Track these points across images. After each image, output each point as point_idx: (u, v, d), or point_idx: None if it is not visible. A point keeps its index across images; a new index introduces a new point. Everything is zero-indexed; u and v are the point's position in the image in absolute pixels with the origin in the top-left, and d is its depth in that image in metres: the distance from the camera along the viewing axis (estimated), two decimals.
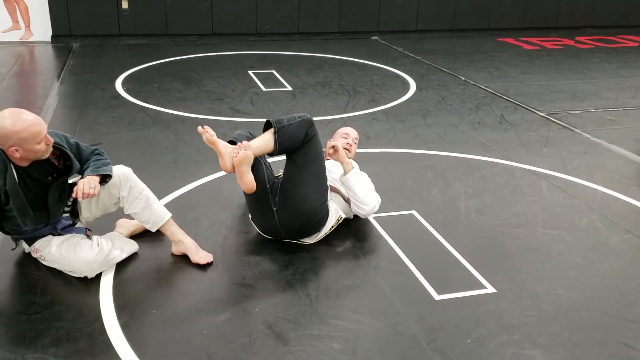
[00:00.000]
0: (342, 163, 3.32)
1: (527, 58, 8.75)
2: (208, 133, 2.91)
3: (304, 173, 3.11)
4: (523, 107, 6.16)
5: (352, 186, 3.33)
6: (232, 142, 3.09)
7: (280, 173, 3.33)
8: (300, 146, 3.08)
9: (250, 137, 3.22)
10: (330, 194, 3.31)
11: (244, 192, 3.15)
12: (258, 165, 3.12)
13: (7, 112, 2.60)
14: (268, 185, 3.13)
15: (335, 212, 3.29)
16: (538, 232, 3.53)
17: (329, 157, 3.37)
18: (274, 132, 3.02)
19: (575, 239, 3.45)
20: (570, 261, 3.22)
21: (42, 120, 2.66)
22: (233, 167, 2.90)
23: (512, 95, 6.56)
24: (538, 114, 5.91)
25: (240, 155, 2.85)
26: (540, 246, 3.37)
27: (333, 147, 3.31)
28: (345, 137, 3.72)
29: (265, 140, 3.03)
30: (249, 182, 2.89)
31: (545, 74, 7.72)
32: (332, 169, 3.44)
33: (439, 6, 10.51)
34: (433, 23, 10.55)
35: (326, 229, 3.26)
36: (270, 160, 3.42)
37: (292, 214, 3.13)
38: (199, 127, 2.94)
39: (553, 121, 5.70)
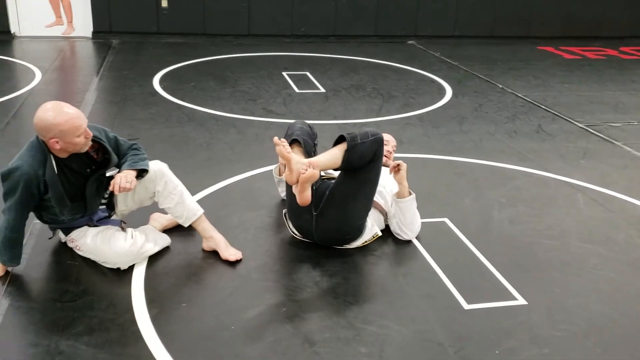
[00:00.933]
0: (400, 183, 3.30)
1: (567, 67, 8.60)
2: (284, 148, 2.83)
3: (358, 190, 3.07)
4: (562, 117, 6.06)
5: (405, 210, 3.31)
6: (294, 140, 3.07)
7: (325, 173, 3.32)
8: (365, 165, 3.00)
9: (310, 132, 3.17)
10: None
11: (286, 187, 3.16)
12: None
13: (50, 104, 2.67)
14: (314, 188, 3.08)
15: (372, 229, 3.25)
16: (572, 245, 3.46)
17: (391, 172, 3.33)
18: (345, 150, 2.92)
19: (610, 254, 3.38)
20: (604, 276, 3.15)
21: (83, 114, 2.72)
22: (297, 181, 2.86)
23: (550, 105, 6.46)
24: (577, 125, 5.81)
25: (307, 173, 2.81)
26: (573, 259, 3.31)
27: (399, 165, 3.28)
28: (385, 144, 3.69)
29: (334, 157, 2.95)
30: (307, 197, 2.87)
31: (585, 85, 7.57)
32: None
33: (478, 12, 10.41)
34: (471, 29, 10.46)
35: (358, 243, 3.24)
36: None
37: (331, 224, 3.12)
38: (275, 138, 2.86)
39: (592, 133, 5.59)
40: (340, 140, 3.01)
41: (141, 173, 2.94)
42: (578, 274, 3.15)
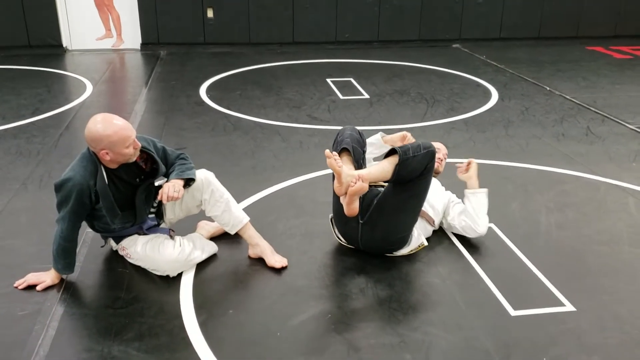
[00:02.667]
0: (469, 180, 3.46)
1: (618, 68, 8.36)
2: (335, 162, 2.82)
3: (406, 202, 3.07)
4: (611, 119, 5.89)
5: (479, 202, 3.39)
6: (344, 149, 3.06)
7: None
8: (415, 178, 2.99)
9: (359, 139, 3.19)
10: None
11: (334, 193, 3.19)
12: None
13: (100, 117, 2.77)
14: (361, 197, 3.06)
15: (418, 239, 3.23)
16: (623, 251, 3.37)
17: (459, 173, 3.52)
18: (397, 164, 2.90)
19: None
20: None
21: (131, 126, 2.81)
22: (346, 192, 2.87)
23: (600, 107, 6.29)
24: (627, 127, 5.64)
25: (357, 186, 2.81)
26: (625, 266, 3.22)
27: (469, 163, 3.45)
28: (437, 151, 3.68)
29: (384, 171, 2.94)
30: (354, 209, 2.89)
31: (637, 85, 7.35)
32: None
33: (525, 13, 10.22)
34: (518, 31, 10.28)
35: (404, 252, 3.23)
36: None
37: (377, 234, 3.13)
38: (327, 151, 2.84)
39: None
40: (391, 152, 3.00)
41: (188, 182, 3.02)
42: (629, 281, 3.07)
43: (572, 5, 10.36)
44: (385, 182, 3.04)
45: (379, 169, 2.95)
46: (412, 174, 2.95)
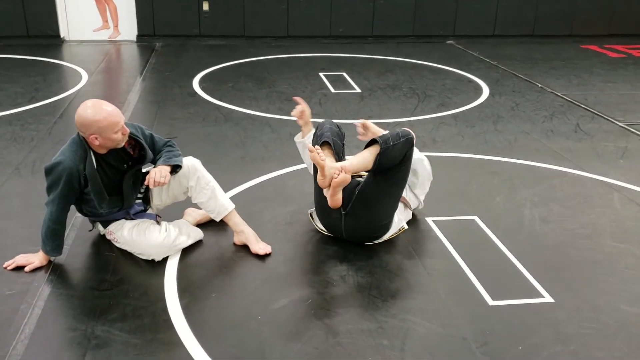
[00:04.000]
0: (375, 134, 3.39)
1: (611, 66, 8.41)
2: (319, 156, 2.88)
3: (388, 190, 3.13)
4: (601, 116, 5.95)
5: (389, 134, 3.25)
6: (324, 142, 3.09)
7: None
8: (395, 166, 3.06)
9: (338, 132, 3.24)
10: None
11: (315, 187, 3.24)
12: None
13: (90, 102, 2.82)
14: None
15: (399, 223, 3.30)
16: (605, 245, 3.42)
17: (360, 136, 3.51)
18: (378, 154, 2.97)
19: None
20: (637, 276, 3.11)
21: (120, 112, 2.86)
22: (330, 185, 2.92)
23: (590, 104, 6.34)
24: (617, 124, 5.69)
25: (340, 178, 2.87)
26: (605, 259, 3.27)
27: (363, 124, 3.47)
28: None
29: (365, 161, 3.00)
30: (338, 200, 2.95)
31: (629, 84, 7.40)
32: None
33: (519, 11, 10.26)
34: (512, 28, 10.32)
35: (386, 237, 3.30)
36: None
37: (360, 223, 3.18)
38: (309, 146, 2.92)
39: (633, 132, 5.48)
40: (372, 142, 3.06)
41: (175, 169, 3.06)
42: (609, 274, 3.12)
43: (567, 4, 10.40)
44: (366, 171, 3.09)
45: (360, 160, 3.00)
46: (393, 161, 3.01)
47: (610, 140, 5.26)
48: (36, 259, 2.98)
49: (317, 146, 2.97)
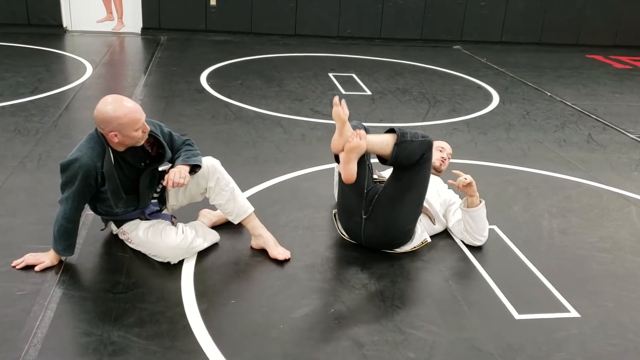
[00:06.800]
0: (471, 196, 3.24)
1: (617, 77, 8.38)
2: (342, 110, 2.77)
3: (406, 194, 3.03)
4: (612, 127, 5.90)
5: (477, 219, 3.27)
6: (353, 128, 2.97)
7: (378, 177, 3.30)
8: (412, 166, 2.96)
9: (366, 131, 3.14)
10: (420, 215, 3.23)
11: (340, 186, 3.15)
12: (362, 165, 3.01)
13: (110, 98, 2.72)
14: (365, 191, 3.07)
15: (421, 235, 3.22)
16: (626, 259, 3.36)
17: (458, 186, 3.22)
18: (395, 144, 2.86)
19: None
20: None
21: (141, 109, 2.76)
22: (343, 149, 2.81)
23: (600, 115, 6.30)
24: (628, 136, 5.65)
25: (354, 142, 2.76)
26: (627, 274, 3.21)
27: (470, 183, 3.17)
28: (441, 150, 3.65)
29: (383, 143, 2.87)
30: (351, 170, 2.81)
31: (637, 95, 7.37)
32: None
33: (527, 18, 10.23)
34: (519, 35, 10.29)
35: (407, 248, 3.21)
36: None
37: (380, 229, 3.10)
38: (336, 98, 2.79)
39: None
40: (389, 132, 2.96)
41: (194, 168, 2.97)
42: (632, 289, 3.06)
43: (574, 13, 10.38)
44: (382, 162, 2.97)
45: (379, 139, 2.89)
46: (409, 159, 2.91)
47: (623, 151, 5.21)
48: (47, 258, 2.88)
49: (344, 101, 2.83)
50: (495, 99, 6.75)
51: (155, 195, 3.11)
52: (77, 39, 8.82)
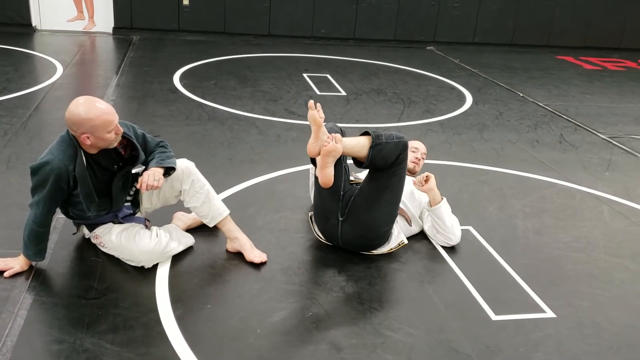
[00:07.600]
0: (430, 191, 3.25)
1: (587, 78, 8.53)
2: (318, 113, 2.76)
3: (381, 196, 3.02)
4: (584, 128, 5.99)
5: (442, 216, 3.27)
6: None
7: (355, 178, 3.29)
8: (388, 168, 2.95)
9: (342, 133, 3.13)
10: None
11: (316, 189, 3.13)
12: (339, 167, 3.00)
13: (82, 99, 2.65)
14: (342, 193, 3.06)
15: (398, 237, 3.22)
16: (599, 259, 3.41)
17: (416, 185, 3.28)
18: (370, 147, 2.86)
19: (638, 268, 3.32)
20: (633, 290, 3.10)
21: (114, 110, 2.69)
22: (319, 153, 2.80)
23: (572, 115, 6.39)
24: (599, 136, 5.74)
25: (330, 145, 2.75)
26: (601, 273, 3.25)
27: (427, 177, 3.23)
28: (414, 150, 3.65)
29: (359, 145, 2.88)
30: (328, 174, 2.80)
31: (606, 96, 7.50)
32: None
33: (498, 20, 10.35)
34: (491, 36, 10.40)
35: (384, 250, 3.21)
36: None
37: (356, 230, 3.09)
38: (311, 102, 2.78)
39: (615, 145, 5.53)
40: (364, 134, 2.96)
41: (168, 171, 2.91)
42: (606, 288, 3.10)
43: (545, 15, 10.54)
44: (358, 165, 2.96)
45: (354, 142, 2.88)
46: (385, 161, 2.91)
47: (594, 152, 5.29)
48: (16, 263, 2.80)
49: (319, 105, 2.82)
50: (469, 99, 6.81)
51: (128, 198, 3.05)
52: (46, 38, 8.64)
